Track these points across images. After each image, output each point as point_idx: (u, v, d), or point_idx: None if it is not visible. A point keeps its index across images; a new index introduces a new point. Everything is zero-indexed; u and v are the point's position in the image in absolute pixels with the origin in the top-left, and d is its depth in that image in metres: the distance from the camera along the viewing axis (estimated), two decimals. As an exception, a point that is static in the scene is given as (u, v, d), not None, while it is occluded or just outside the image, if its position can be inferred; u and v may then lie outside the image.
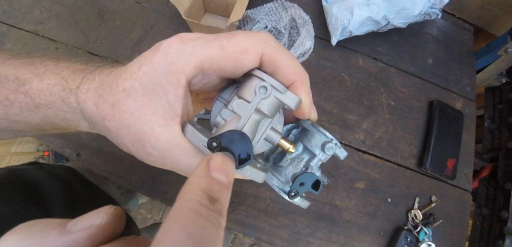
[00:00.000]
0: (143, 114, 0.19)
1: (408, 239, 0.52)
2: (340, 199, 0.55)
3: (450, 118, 0.61)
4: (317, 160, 0.24)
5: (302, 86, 0.21)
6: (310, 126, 0.24)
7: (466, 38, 0.72)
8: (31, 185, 0.42)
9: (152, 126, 0.19)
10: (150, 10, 0.62)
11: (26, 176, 0.43)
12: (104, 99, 0.20)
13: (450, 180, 0.59)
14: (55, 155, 1.36)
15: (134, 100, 0.19)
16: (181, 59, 0.19)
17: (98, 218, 0.14)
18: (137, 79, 0.19)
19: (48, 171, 0.48)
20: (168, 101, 0.19)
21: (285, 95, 0.20)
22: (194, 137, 0.19)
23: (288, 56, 0.20)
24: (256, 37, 0.19)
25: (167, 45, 0.19)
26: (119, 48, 0.58)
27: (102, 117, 0.20)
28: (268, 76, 0.19)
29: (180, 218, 0.11)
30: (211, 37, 0.20)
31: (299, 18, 0.63)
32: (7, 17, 0.58)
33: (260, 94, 0.19)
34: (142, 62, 0.20)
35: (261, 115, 0.20)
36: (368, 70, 0.64)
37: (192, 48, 0.19)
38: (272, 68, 0.20)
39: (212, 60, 0.19)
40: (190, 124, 0.20)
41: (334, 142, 0.23)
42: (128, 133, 0.20)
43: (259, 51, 0.19)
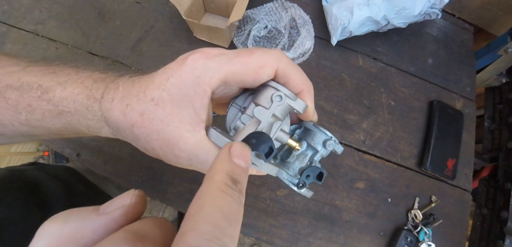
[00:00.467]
0: (172, 121, 0.21)
1: (408, 239, 0.52)
2: (340, 199, 0.55)
3: (450, 118, 0.61)
4: (319, 155, 0.28)
5: (308, 94, 0.25)
6: (312, 126, 0.28)
7: (466, 38, 0.72)
8: (31, 186, 0.42)
9: (181, 132, 0.22)
10: (150, 10, 0.62)
11: (26, 176, 0.43)
12: (132, 108, 0.22)
13: (450, 180, 0.59)
14: (55, 155, 1.36)
15: (163, 108, 0.21)
16: (208, 73, 0.21)
17: (128, 199, 0.16)
18: (165, 89, 0.21)
19: (48, 172, 0.48)
20: (194, 109, 0.22)
21: (295, 102, 0.24)
22: (218, 140, 0.22)
23: (297, 69, 0.24)
24: (272, 54, 0.23)
25: (194, 60, 0.22)
26: (119, 48, 0.58)
27: (130, 125, 0.22)
28: (282, 87, 0.24)
29: (210, 195, 0.14)
30: (232, 54, 0.22)
31: (299, 18, 0.63)
32: (7, 17, 0.58)
33: (276, 101, 0.23)
34: (170, 75, 0.22)
35: (275, 118, 0.24)
36: (368, 70, 0.64)
37: (217, 64, 0.21)
38: (284, 80, 0.24)
39: (234, 74, 0.22)
40: (212, 128, 0.23)
41: (333, 140, 0.27)
42: (158, 138, 0.22)
43: (275, 66, 0.23)
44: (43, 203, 0.40)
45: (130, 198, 0.16)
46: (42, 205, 0.40)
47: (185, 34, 0.61)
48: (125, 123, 0.22)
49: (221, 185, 0.14)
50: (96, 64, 0.57)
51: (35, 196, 0.40)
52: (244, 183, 0.16)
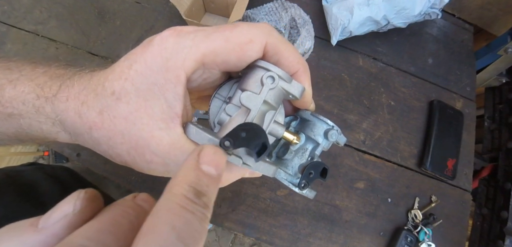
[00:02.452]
0: (138, 118, 0.17)
1: (408, 239, 0.52)
2: (340, 199, 0.55)
3: (450, 118, 0.61)
4: (321, 148, 0.25)
5: (304, 74, 0.21)
6: (310, 116, 0.24)
7: (466, 38, 0.72)
8: (28, 187, 0.42)
9: (151, 130, 0.18)
10: (150, 10, 0.62)
11: (24, 178, 0.43)
12: (89, 106, 0.18)
13: (450, 180, 0.59)
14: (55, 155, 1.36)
15: (126, 103, 0.17)
16: (180, 54, 0.17)
17: (71, 206, 0.13)
18: (128, 79, 0.17)
19: (47, 172, 0.48)
20: (166, 101, 0.18)
21: (291, 84, 0.20)
22: (199, 137, 0.18)
23: (290, 46, 0.20)
24: (259, 28, 0.19)
25: (162, 39, 0.18)
26: (119, 48, 0.58)
27: (88, 127, 0.18)
28: (274, 66, 0.19)
29: (165, 212, 0.11)
30: (211, 29, 0.18)
31: (299, 18, 0.63)
32: (7, 17, 0.58)
33: (268, 84, 0.19)
34: (133, 60, 0.18)
35: (267, 106, 0.20)
36: (368, 70, 0.64)
37: (192, 41, 0.17)
38: (275, 58, 0.20)
39: (215, 52, 0.18)
40: (192, 124, 0.19)
41: (336, 129, 0.24)
42: (122, 141, 0.18)
43: (263, 41, 0.19)
44: (40, 204, 0.40)
45: (73, 205, 0.13)
46: (39, 206, 0.40)
47: (185, 34, 0.61)
48: (82, 126, 0.18)
49: (180, 199, 0.12)
50: (96, 64, 0.57)
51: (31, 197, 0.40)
52: (212, 195, 0.13)
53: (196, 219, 0.12)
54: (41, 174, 0.46)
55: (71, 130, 0.19)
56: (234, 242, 1.37)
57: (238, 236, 1.34)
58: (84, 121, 0.18)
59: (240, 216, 0.52)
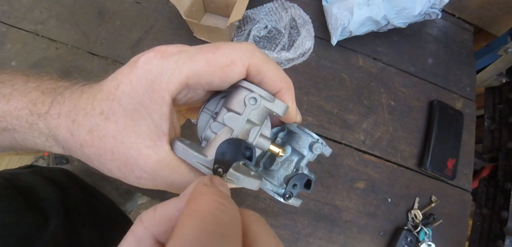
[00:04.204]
0: (127, 136, 0.18)
1: (408, 239, 0.52)
2: (340, 199, 0.55)
3: (450, 118, 0.61)
4: (306, 160, 0.25)
5: (288, 93, 0.21)
6: (296, 128, 0.25)
7: (466, 38, 0.72)
8: (25, 190, 0.41)
9: (139, 148, 0.18)
10: (150, 10, 0.62)
11: (20, 181, 0.43)
12: (79, 125, 0.19)
13: (450, 180, 0.59)
14: (55, 155, 1.36)
15: (114, 123, 0.18)
16: (164, 76, 0.18)
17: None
18: (115, 99, 0.18)
19: (44, 175, 0.48)
20: (153, 121, 0.18)
21: (273, 103, 0.20)
22: (186, 154, 0.19)
23: (273, 65, 0.20)
24: (241, 49, 0.19)
25: (146, 60, 0.18)
26: (119, 48, 0.58)
27: (79, 144, 0.19)
28: (256, 87, 0.20)
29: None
30: (194, 50, 0.19)
31: (299, 18, 0.63)
32: (7, 17, 0.58)
33: (250, 105, 0.20)
34: (120, 81, 0.18)
35: (251, 124, 0.21)
36: (368, 70, 0.64)
37: (175, 63, 0.18)
38: (258, 78, 0.20)
39: (198, 75, 0.18)
40: (178, 141, 0.19)
41: (320, 142, 0.25)
42: (112, 158, 0.19)
43: (245, 62, 0.19)
44: (37, 207, 0.40)
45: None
46: (36, 209, 0.40)
47: (185, 34, 0.61)
48: (73, 143, 0.19)
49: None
50: (96, 64, 0.57)
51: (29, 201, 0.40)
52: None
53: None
54: (38, 177, 0.46)
55: (64, 145, 0.20)
56: (234, 242, 1.37)
57: (238, 236, 1.33)
58: (75, 138, 0.19)
59: (240, 216, 0.52)
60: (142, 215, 0.15)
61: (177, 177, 0.19)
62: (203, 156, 0.19)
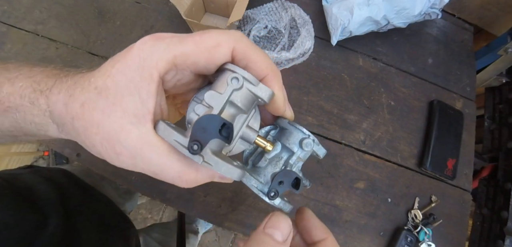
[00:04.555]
0: (114, 111, 0.19)
1: (408, 239, 0.52)
2: (340, 199, 0.55)
3: (450, 118, 0.61)
4: (296, 157, 0.24)
5: (274, 79, 0.21)
6: (287, 124, 0.24)
7: (466, 38, 0.72)
8: (26, 190, 0.42)
9: (122, 124, 0.19)
10: (150, 10, 0.62)
11: (20, 181, 0.43)
12: (75, 99, 0.20)
13: (450, 180, 0.59)
14: (55, 155, 1.36)
15: (105, 97, 0.19)
16: (154, 55, 0.19)
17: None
18: (110, 76, 0.19)
19: (44, 175, 0.48)
20: (140, 98, 0.19)
21: (257, 87, 0.20)
22: (166, 133, 0.19)
23: (260, 52, 0.21)
24: (228, 34, 0.20)
25: (141, 43, 0.20)
26: (119, 48, 0.58)
27: (71, 117, 0.20)
28: (239, 68, 0.20)
29: None
30: (185, 35, 0.20)
31: (299, 18, 0.63)
32: (7, 17, 0.58)
33: (231, 85, 0.19)
34: (116, 61, 0.20)
35: (235, 108, 0.20)
36: (368, 70, 0.64)
37: (166, 44, 0.19)
38: (244, 62, 0.21)
39: (185, 54, 0.19)
40: (163, 122, 0.20)
41: (311, 138, 0.23)
42: (97, 132, 0.19)
43: (231, 45, 0.20)
44: (37, 208, 0.40)
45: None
46: (36, 210, 0.40)
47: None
48: (66, 116, 0.20)
49: None
50: (96, 64, 0.57)
51: (28, 201, 0.40)
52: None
53: None
54: (37, 177, 0.46)
55: (58, 120, 0.21)
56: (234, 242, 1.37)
57: (238, 236, 1.33)
58: (68, 111, 0.20)
59: (240, 216, 0.52)
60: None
61: (156, 157, 0.19)
62: (182, 137, 0.18)
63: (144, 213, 1.39)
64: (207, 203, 0.51)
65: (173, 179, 0.21)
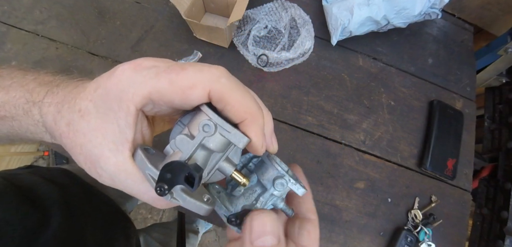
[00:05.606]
0: (95, 136, 0.20)
1: (408, 239, 0.52)
2: (340, 199, 0.55)
3: (450, 118, 0.61)
4: (268, 194, 0.23)
5: (251, 125, 0.20)
6: (265, 158, 0.23)
7: (466, 38, 0.72)
8: (27, 189, 0.42)
9: (102, 149, 0.20)
10: (150, 10, 0.62)
11: (20, 181, 0.43)
12: (62, 116, 0.21)
13: (450, 180, 0.59)
14: (55, 155, 1.36)
15: (87, 121, 0.20)
16: (131, 88, 0.19)
17: None
18: (92, 101, 0.20)
19: (44, 175, 0.48)
20: (119, 126, 0.20)
21: (231, 134, 0.19)
22: (142, 164, 0.19)
23: (240, 93, 0.20)
24: (206, 73, 0.19)
25: (121, 71, 0.19)
26: (119, 48, 0.58)
27: (59, 134, 0.21)
28: (214, 114, 0.19)
29: None
30: (163, 68, 0.19)
31: (299, 18, 0.63)
32: (7, 17, 0.58)
33: (203, 132, 0.19)
34: (98, 85, 0.20)
35: (208, 151, 0.20)
36: (368, 70, 0.64)
37: (143, 78, 0.19)
38: (221, 105, 0.20)
39: (160, 92, 0.19)
40: (140, 150, 0.20)
41: (287, 178, 0.22)
42: (80, 152, 0.20)
43: (206, 88, 0.19)
44: (40, 206, 0.40)
45: None
46: (39, 207, 0.40)
47: (185, 34, 0.61)
48: (56, 131, 0.21)
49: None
50: (96, 64, 0.57)
51: (31, 200, 0.40)
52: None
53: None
54: (38, 178, 0.46)
55: (50, 131, 0.22)
56: (234, 242, 1.37)
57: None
58: (57, 127, 0.21)
59: (240, 216, 0.52)
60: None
61: (131, 184, 0.20)
62: (155, 170, 0.18)
63: (144, 213, 1.39)
64: (207, 203, 0.51)
65: (147, 201, 0.22)
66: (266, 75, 0.60)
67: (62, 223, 0.40)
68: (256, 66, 0.59)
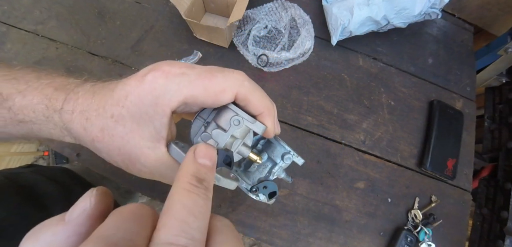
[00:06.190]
0: (132, 138, 0.22)
1: (408, 239, 0.52)
2: (340, 199, 0.55)
3: (450, 118, 0.61)
4: (278, 167, 0.30)
5: (268, 116, 0.25)
6: (273, 139, 0.30)
7: (466, 38, 0.72)
8: (29, 188, 0.42)
9: (141, 148, 0.22)
10: (150, 10, 0.62)
11: (22, 180, 0.43)
12: (92, 123, 0.22)
13: (450, 180, 0.59)
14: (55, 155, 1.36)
15: (123, 126, 0.22)
16: (167, 95, 0.21)
17: (87, 202, 0.16)
18: (124, 107, 0.22)
19: (45, 174, 0.48)
20: (155, 128, 0.22)
21: (254, 124, 0.25)
22: (178, 156, 0.23)
23: (258, 93, 0.24)
24: (233, 79, 0.23)
25: (153, 79, 0.21)
26: (119, 48, 0.58)
27: (91, 139, 0.23)
28: (240, 111, 0.24)
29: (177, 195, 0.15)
30: (194, 75, 0.22)
31: (299, 18, 0.63)
32: (7, 17, 0.58)
33: (234, 125, 0.24)
34: (129, 92, 0.22)
35: (233, 138, 0.25)
36: (368, 70, 0.64)
37: (177, 85, 0.21)
38: (244, 103, 0.24)
39: (194, 97, 0.22)
40: (173, 144, 0.23)
41: (291, 153, 0.29)
42: (119, 153, 0.23)
43: (235, 90, 0.23)
44: (41, 205, 0.40)
45: (89, 201, 0.16)
46: (41, 207, 0.40)
47: (185, 34, 0.61)
48: (86, 137, 0.23)
49: (186, 185, 0.16)
50: (96, 64, 0.57)
51: (33, 199, 0.40)
52: (211, 180, 0.18)
53: (200, 198, 0.16)
54: (39, 176, 0.46)
55: (76, 137, 0.24)
56: (234, 242, 1.37)
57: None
58: (88, 133, 0.22)
59: (240, 216, 0.52)
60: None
61: (170, 173, 0.23)
62: None
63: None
64: (207, 203, 0.51)
65: None
66: (266, 75, 0.60)
67: None
68: (256, 66, 0.59)
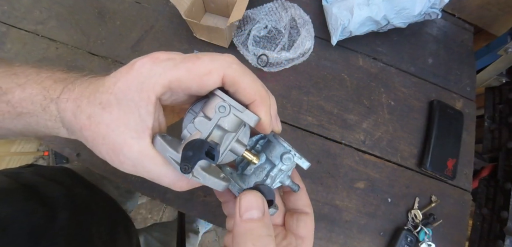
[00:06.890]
0: (117, 126, 0.21)
1: (408, 239, 0.52)
2: (340, 199, 0.55)
3: (450, 118, 0.61)
4: (277, 170, 0.26)
5: (261, 105, 0.23)
6: (272, 137, 0.26)
7: (466, 38, 0.72)
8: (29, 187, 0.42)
9: (125, 138, 0.21)
10: (150, 10, 0.62)
11: (24, 179, 0.43)
12: (82, 110, 0.22)
13: (450, 180, 0.59)
14: (55, 155, 1.36)
15: (109, 113, 0.21)
16: (152, 79, 0.21)
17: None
18: (112, 93, 0.21)
19: (45, 175, 0.48)
20: (140, 115, 0.21)
21: (243, 113, 0.22)
22: (162, 149, 0.21)
23: (249, 78, 0.22)
24: (219, 60, 0.21)
25: (141, 64, 0.21)
26: (119, 48, 0.58)
27: (79, 127, 0.22)
28: (227, 97, 0.22)
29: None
30: (180, 59, 0.21)
31: (299, 18, 0.63)
32: (7, 17, 0.58)
33: (219, 113, 0.21)
34: (118, 78, 0.21)
35: (223, 131, 0.22)
36: (368, 70, 0.64)
37: (162, 69, 0.21)
38: (233, 88, 0.22)
39: (179, 80, 0.21)
40: (159, 137, 0.22)
41: (292, 153, 0.25)
42: (103, 142, 0.22)
43: (221, 73, 0.21)
44: (45, 203, 0.40)
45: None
46: (45, 203, 0.40)
47: (185, 34, 0.61)
48: (75, 125, 0.22)
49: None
50: (96, 64, 0.57)
51: (36, 196, 0.40)
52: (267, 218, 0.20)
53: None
54: (40, 177, 0.46)
55: (68, 126, 0.23)
56: (234, 242, 1.37)
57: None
58: (77, 121, 0.22)
59: (240, 216, 0.52)
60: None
61: (154, 167, 0.22)
62: (176, 152, 0.21)
63: (144, 213, 1.39)
64: (207, 203, 0.51)
65: (168, 184, 0.23)
66: (266, 75, 0.60)
67: (69, 219, 0.41)
68: (256, 66, 0.59)
